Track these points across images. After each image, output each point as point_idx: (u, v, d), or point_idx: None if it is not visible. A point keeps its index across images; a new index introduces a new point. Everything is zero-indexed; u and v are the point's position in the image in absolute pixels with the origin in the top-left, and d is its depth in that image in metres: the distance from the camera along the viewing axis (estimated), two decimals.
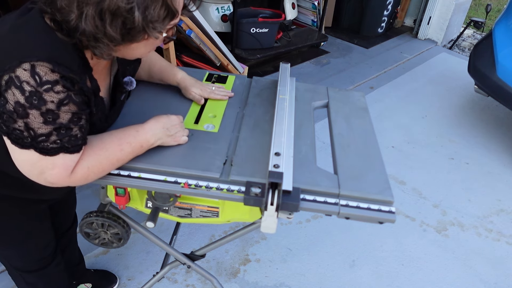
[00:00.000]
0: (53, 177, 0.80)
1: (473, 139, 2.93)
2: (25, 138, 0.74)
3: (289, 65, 1.33)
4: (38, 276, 1.23)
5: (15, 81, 0.70)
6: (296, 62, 3.75)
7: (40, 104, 0.71)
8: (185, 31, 2.53)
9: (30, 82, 0.70)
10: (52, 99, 0.72)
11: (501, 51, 2.62)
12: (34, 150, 0.75)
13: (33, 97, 0.70)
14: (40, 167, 0.78)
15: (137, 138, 0.90)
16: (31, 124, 0.73)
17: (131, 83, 1.00)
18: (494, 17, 5.59)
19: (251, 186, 0.88)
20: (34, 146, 0.75)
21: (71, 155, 0.79)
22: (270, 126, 1.09)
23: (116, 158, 0.87)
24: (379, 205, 0.89)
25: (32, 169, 0.79)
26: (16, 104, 0.71)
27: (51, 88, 0.71)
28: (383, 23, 4.39)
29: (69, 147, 0.78)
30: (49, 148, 0.76)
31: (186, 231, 1.98)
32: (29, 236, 1.12)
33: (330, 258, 1.94)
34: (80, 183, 0.84)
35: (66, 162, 0.79)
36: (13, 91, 0.70)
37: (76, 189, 2.08)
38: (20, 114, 0.72)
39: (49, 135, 0.75)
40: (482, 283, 1.90)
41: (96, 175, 0.86)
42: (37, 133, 0.74)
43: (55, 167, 0.78)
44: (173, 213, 1.11)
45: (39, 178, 0.80)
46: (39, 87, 0.70)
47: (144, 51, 0.84)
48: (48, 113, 0.73)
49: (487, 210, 2.32)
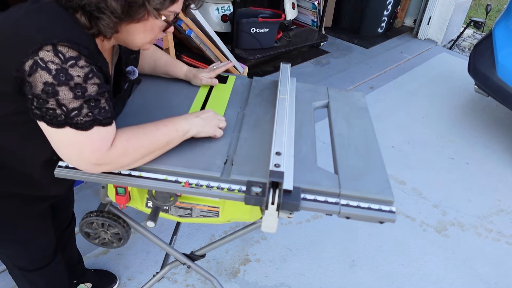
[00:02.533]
0: (94, 153, 0.80)
1: (473, 139, 2.93)
2: (58, 117, 0.76)
3: (289, 65, 1.33)
4: (40, 275, 1.24)
5: (40, 63, 0.72)
6: (296, 62, 3.75)
7: (67, 80, 0.74)
8: (185, 31, 2.53)
9: (55, 61, 0.72)
10: (78, 73, 0.75)
11: (501, 51, 2.62)
12: (69, 127, 0.77)
13: (60, 74, 0.73)
14: (79, 145, 0.79)
15: (172, 122, 0.92)
16: (62, 101, 0.74)
17: (134, 72, 1.03)
18: (494, 17, 5.60)
19: (252, 186, 0.88)
20: (69, 123, 0.76)
21: (105, 127, 0.81)
22: (270, 126, 1.10)
23: (154, 136, 0.88)
24: (379, 205, 0.89)
25: (72, 150, 0.80)
26: (45, 84, 0.73)
27: (75, 63, 0.74)
28: (383, 23, 4.39)
29: (101, 119, 0.80)
30: (83, 122, 0.77)
31: (186, 231, 1.98)
32: (31, 235, 1.12)
33: (330, 258, 1.94)
34: (121, 158, 0.84)
35: (102, 135, 0.80)
36: (40, 73, 0.72)
37: (75, 188, 2.08)
38: (50, 93, 0.73)
39: (80, 108, 0.76)
40: (482, 283, 1.90)
41: (135, 150, 0.86)
42: (69, 108, 0.75)
43: (93, 142, 0.79)
44: (174, 212, 1.11)
45: (80, 159, 0.81)
46: (64, 64, 0.73)
47: (143, 37, 0.86)
48: (77, 87, 0.75)
49: (487, 210, 2.32)
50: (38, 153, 0.92)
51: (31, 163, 0.93)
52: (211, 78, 1.25)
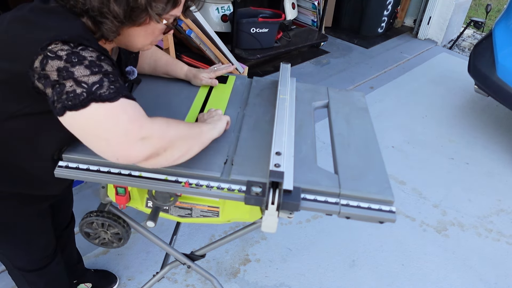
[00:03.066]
0: (132, 122, 0.74)
1: (473, 139, 2.93)
2: (80, 95, 0.71)
3: (289, 65, 1.33)
4: (40, 275, 1.24)
5: (49, 54, 0.71)
6: (296, 62, 3.75)
7: (80, 59, 0.72)
8: (185, 31, 2.53)
9: (64, 48, 0.72)
10: (90, 54, 0.74)
11: (501, 51, 2.62)
12: (94, 103, 0.71)
13: (71, 57, 0.72)
14: (111, 116, 0.72)
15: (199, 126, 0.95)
16: (80, 78, 0.71)
17: (133, 73, 1.02)
18: (494, 17, 5.60)
19: (252, 186, 0.88)
20: (92, 98, 0.71)
21: (131, 100, 0.76)
22: (270, 126, 1.10)
23: (180, 125, 0.85)
24: (379, 205, 0.89)
25: (104, 132, 0.73)
26: (57, 70, 0.71)
27: (86, 48, 0.74)
28: (383, 23, 4.39)
29: (125, 92, 0.75)
30: (107, 94, 0.72)
31: (186, 231, 1.98)
32: (31, 235, 1.12)
33: (330, 258, 1.94)
34: (166, 129, 0.80)
35: (132, 105, 0.75)
36: (51, 63, 0.71)
37: (75, 188, 2.08)
38: (65, 76, 0.71)
39: (101, 81, 0.73)
40: (482, 283, 1.90)
41: (169, 132, 0.80)
42: (89, 83, 0.72)
43: (126, 110, 0.74)
44: (174, 212, 1.11)
45: (119, 137, 0.73)
46: (75, 48, 0.73)
47: (144, 39, 0.87)
48: (92, 64, 0.73)
49: (487, 210, 2.32)
50: (42, 152, 0.91)
51: (34, 162, 0.93)
52: (211, 78, 1.25)
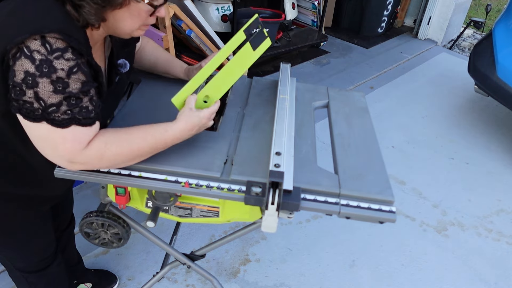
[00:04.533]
0: (66, 151, 0.78)
1: (473, 139, 2.93)
2: (35, 110, 0.74)
3: (289, 65, 1.33)
4: (40, 276, 1.24)
5: (25, 51, 0.70)
6: (296, 62, 3.75)
7: (50, 72, 0.72)
8: (185, 31, 2.53)
9: (41, 51, 0.71)
10: (62, 66, 0.73)
11: (501, 51, 2.62)
12: (46, 122, 0.75)
13: (43, 65, 0.71)
14: (52, 141, 0.77)
15: (164, 135, 0.88)
16: (40, 94, 0.73)
17: (125, 66, 1.00)
18: (494, 17, 5.59)
19: (252, 186, 0.88)
20: (45, 118, 0.74)
21: (82, 127, 0.78)
22: (270, 126, 1.10)
23: (137, 145, 0.85)
24: (379, 205, 0.89)
25: (46, 145, 0.78)
26: (25, 73, 0.71)
27: (61, 55, 0.73)
28: (383, 23, 4.39)
29: (80, 118, 0.77)
30: (60, 120, 0.75)
31: (186, 231, 1.98)
32: (32, 236, 1.12)
33: (330, 258, 1.94)
34: (96, 160, 0.82)
35: (77, 135, 0.78)
36: (23, 61, 0.71)
37: (75, 188, 2.08)
38: (29, 84, 0.72)
39: (59, 105, 0.74)
40: (482, 283, 1.90)
41: (113, 156, 0.83)
42: (47, 103, 0.73)
43: (65, 141, 0.77)
44: (174, 212, 1.11)
45: (54, 155, 0.80)
46: (50, 55, 0.71)
47: (131, 23, 0.83)
48: (58, 81, 0.73)
49: (487, 210, 2.32)
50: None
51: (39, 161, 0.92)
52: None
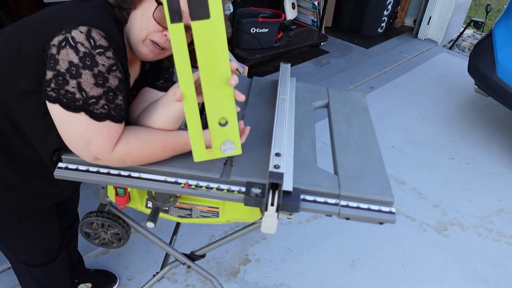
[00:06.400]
0: (98, 147, 0.81)
1: (473, 139, 2.93)
2: (77, 101, 0.77)
3: (289, 65, 1.33)
4: (43, 271, 1.24)
5: (70, 41, 0.74)
6: (296, 62, 3.74)
7: (92, 65, 0.75)
8: None
9: (85, 44, 0.74)
10: (103, 62, 0.77)
11: (501, 51, 2.62)
12: (84, 113, 0.78)
13: (86, 58, 0.75)
14: (87, 136, 0.80)
15: (183, 148, 0.92)
16: (83, 84, 0.76)
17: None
18: (494, 17, 5.59)
19: (252, 187, 0.88)
20: (85, 109, 0.78)
21: (115, 124, 0.82)
22: (270, 127, 1.09)
23: (156, 156, 0.89)
24: (379, 206, 0.89)
25: (79, 139, 0.81)
26: (70, 64, 0.75)
27: (103, 52, 0.76)
28: (383, 23, 4.39)
29: (114, 115, 0.81)
30: (98, 113, 0.79)
31: (186, 231, 1.98)
32: (38, 229, 1.13)
33: (330, 258, 1.94)
34: (116, 164, 0.87)
35: (110, 132, 0.82)
36: (67, 51, 0.74)
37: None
38: (73, 74, 0.75)
39: (99, 98, 0.78)
40: (482, 283, 1.90)
41: (132, 162, 0.88)
42: (88, 95, 0.77)
43: (100, 136, 0.81)
44: (173, 213, 1.11)
45: (84, 150, 0.82)
46: (93, 50, 0.75)
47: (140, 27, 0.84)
48: (99, 75, 0.77)
49: (487, 210, 2.32)
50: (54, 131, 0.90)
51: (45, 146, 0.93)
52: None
